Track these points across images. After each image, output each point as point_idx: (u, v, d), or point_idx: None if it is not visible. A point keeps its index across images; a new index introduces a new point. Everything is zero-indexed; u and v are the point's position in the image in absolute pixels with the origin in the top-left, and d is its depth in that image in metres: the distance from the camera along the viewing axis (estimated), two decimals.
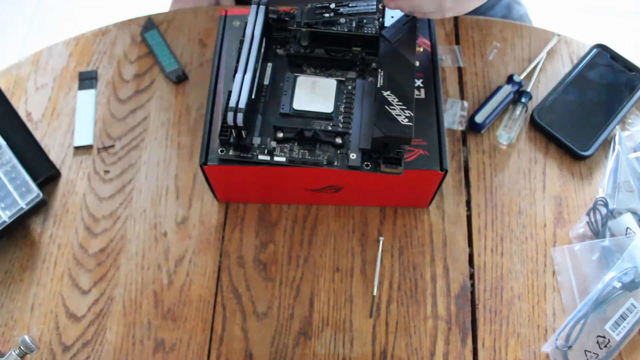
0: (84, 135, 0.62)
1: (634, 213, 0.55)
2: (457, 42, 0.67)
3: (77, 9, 1.58)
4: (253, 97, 0.50)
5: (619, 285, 0.51)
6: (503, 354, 0.52)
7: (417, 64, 0.51)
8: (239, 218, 0.58)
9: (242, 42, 0.52)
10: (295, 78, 0.53)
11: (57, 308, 0.55)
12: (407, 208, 0.59)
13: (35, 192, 0.56)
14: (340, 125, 0.50)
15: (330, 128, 0.50)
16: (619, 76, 0.64)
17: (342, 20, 0.53)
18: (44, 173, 0.59)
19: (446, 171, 0.51)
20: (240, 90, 0.48)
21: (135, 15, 0.70)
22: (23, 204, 0.56)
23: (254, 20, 0.52)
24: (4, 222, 0.55)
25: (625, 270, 0.52)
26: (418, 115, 0.53)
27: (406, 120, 0.46)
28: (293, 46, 0.54)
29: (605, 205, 0.55)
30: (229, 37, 0.57)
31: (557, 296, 0.55)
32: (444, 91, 0.64)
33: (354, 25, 0.53)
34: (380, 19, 0.53)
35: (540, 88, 0.65)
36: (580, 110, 0.62)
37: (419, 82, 0.55)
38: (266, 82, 0.53)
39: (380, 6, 0.52)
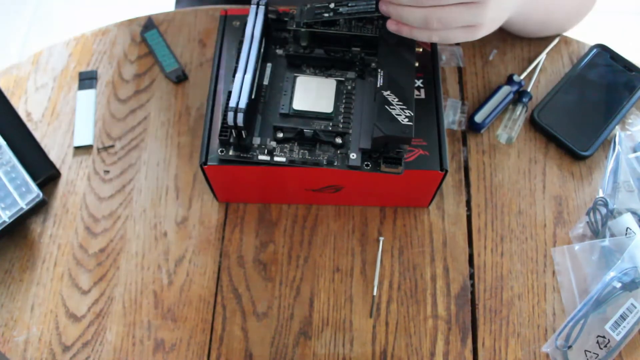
0: (84, 135, 0.62)
1: (634, 213, 0.55)
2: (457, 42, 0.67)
3: (77, 9, 1.58)
4: (253, 97, 0.50)
5: (619, 285, 0.51)
6: (503, 354, 0.52)
7: (417, 64, 0.51)
8: (239, 218, 0.58)
9: (241, 42, 0.52)
10: (294, 78, 0.53)
11: (57, 308, 0.55)
12: (407, 208, 0.59)
13: (35, 192, 0.56)
14: (340, 125, 0.50)
15: (330, 128, 0.50)
16: (619, 76, 0.64)
17: (342, 20, 0.53)
18: (44, 173, 0.59)
19: (446, 171, 0.51)
20: (241, 90, 0.48)
21: (135, 15, 0.70)
22: (23, 204, 0.56)
23: (254, 20, 0.52)
24: (4, 222, 0.55)
25: (625, 270, 0.52)
26: (418, 116, 0.53)
27: (406, 120, 0.46)
28: (292, 46, 0.54)
29: (605, 205, 0.55)
30: (229, 37, 0.57)
31: (557, 296, 0.55)
32: (444, 91, 0.64)
33: (353, 25, 0.53)
34: (380, 19, 0.53)
35: (540, 88, 0.65)
36: (580, 110, 0.62)
37: (418, 82, 0.55)
38: (266, 82, 0.53)
39: None
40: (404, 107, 0.47)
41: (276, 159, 0.49)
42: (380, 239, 0.57)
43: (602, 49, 0.65)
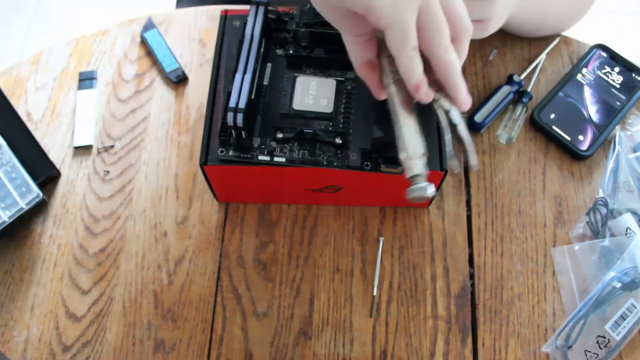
0: (84, 135, 0.62)
1: (634, 213, 0.55)
2: None
3: (77, 9, 1.58)
4: (253, 97, 0.50)
5: (619, 285, 0.51)
6: (503, 354, 0.53)
7: None
8: (239, 218, 0.58)
9: (241, 42, 0.52)
10: (294, 78, 0.53)
11: (57, 308, 0.55)
12: (407, 208, 0.59)
13: (35, 192, 0.56)
14: (340, 125, 0.50)
15: (330, 128, 0.50)
16: (619, 76, 0.64)
17: None
18: (44, 173, 0.59)
19: (446, 171, 0.51)
20: (240, 90, 0.48)
21: (135, 15, 0.70)
22: (23, 204, 0.56)
23: (254, 20, 0.52)
24: (4, 222, 0.55)
25: (625, 270, 0.52)
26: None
27: None
28: (292, 46, 0.54)
29: (605, 205, 0.55)
30: (229, 37, 0.57)
31: (557, 296, 0.55)
32: None
33: None
34: None
35: (540, 88, 0.65)
36: (580, 110, 0.62)
37: None
38: (265, 82, 0.53)
39: None
40: None
41: (276, 159, 0.49)
42: (380, 239, 0.57)
43: (602, 49, 0.65)
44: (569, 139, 0.60)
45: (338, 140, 0.49)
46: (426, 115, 0.53)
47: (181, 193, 0.60)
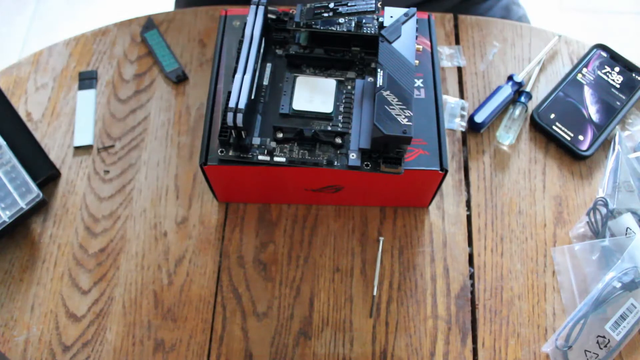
0: (84, 135, 0.63)
1: (634, 213, 0.55)
2: (457, 42, 0.67)
3: (77, 9, 1.58)
4: (252, 97, 0.50)
5: (619, 285, 0.51)
6: (503, 354, 0.53)
7: (417, 63, 0.51)
8: (239, 218, 0.58)
9: (241, 42, 0.52)
10: (294, 78, 0.53)
11: (57, 308, 0.55)
12: (407, 208, 0.59)
13: (35, 192, 0.56)
14: (340, 125, 0.50)
15: (329, 128, 0.50)
16: (619, 76, 0.64)
17: (341, 20, 0.53)
18: (44, 173, 0.59)
19: (446, 171, 0.51)
20: (240, 90, 0.48)
21: (135, 15, 0.70)
22: (23, 204, 0.56)
23: (253, 20, 0.52)
24: (4, 222, 0.55)
25: (625, 270, 0.52)
26: (418, 115, 0.53)
27: (406, 120, 0.46)
28: (292, 46, 0.54)
29: (605, 205, 0.55)
30: (229, 37, 0.57)
31: (557, 296, 0.55)
32: (444, 91, 0.64)
33: (353, 25, 0.53)
34: (380, 19, 0.53)
35: (540, 88, 0.65)
36: (580, 110, 0.62)
37: (418, 82, 0.55)
38: (265, 82, 0.53)
39: (379, 5, 0.52)
40: (404, 107, 0.47)
41: (276, 159, 0.49)
42: (380, 239, 0.57)
43: (602, 49, 0.65)
44: (569, 138, 0.60)
45: (338, 140, 0.49)
46: (427, 113, 0.53)
47: (181, 193, 0.60)
